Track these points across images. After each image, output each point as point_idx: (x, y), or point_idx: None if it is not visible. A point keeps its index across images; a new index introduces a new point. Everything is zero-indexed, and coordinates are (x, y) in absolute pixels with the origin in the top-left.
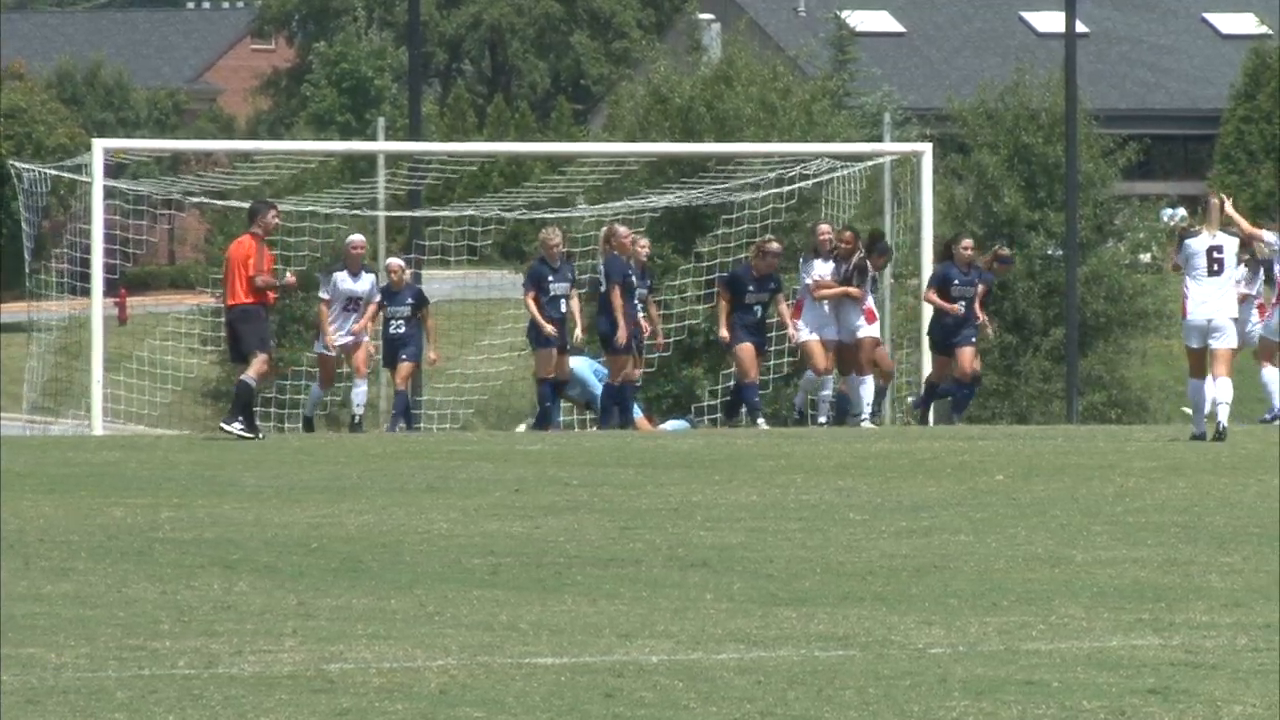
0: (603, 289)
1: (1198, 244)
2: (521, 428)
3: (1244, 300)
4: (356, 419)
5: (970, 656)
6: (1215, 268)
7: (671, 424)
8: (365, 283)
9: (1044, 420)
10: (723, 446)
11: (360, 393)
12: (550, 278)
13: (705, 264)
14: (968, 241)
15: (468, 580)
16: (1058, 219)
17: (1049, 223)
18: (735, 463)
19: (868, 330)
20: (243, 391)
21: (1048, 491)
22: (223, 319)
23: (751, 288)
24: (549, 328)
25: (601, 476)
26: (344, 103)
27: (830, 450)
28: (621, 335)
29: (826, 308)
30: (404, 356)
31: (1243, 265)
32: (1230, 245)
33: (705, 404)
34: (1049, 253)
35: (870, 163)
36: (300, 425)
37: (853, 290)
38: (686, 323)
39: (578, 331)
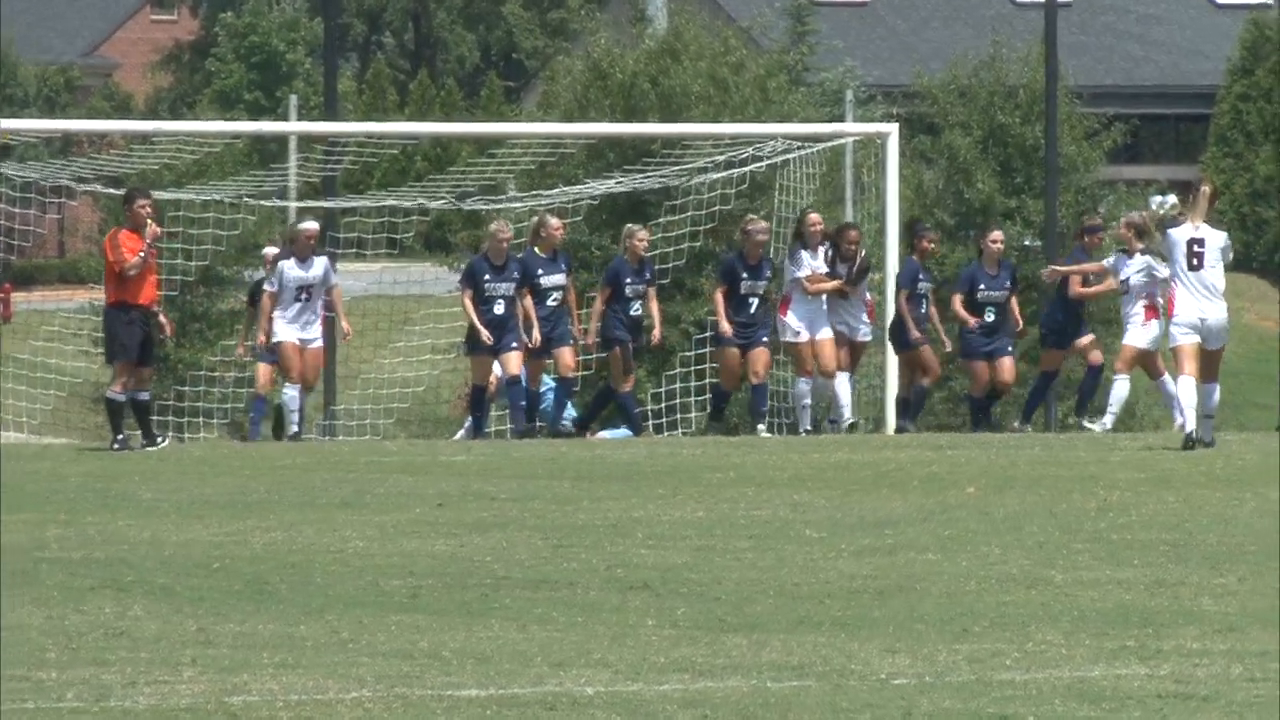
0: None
1: (1179, 235)
2: (460, 434)
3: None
4: (293, 428)
5: (938, 688)
6: (1195, 262)
7: (610, 432)
8: (318, 268)
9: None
10: (666, 457)
11: (292, 397)
12: (488, 276)
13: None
14: (996, 235)
15: (385, 604)
16: (1036, 207)
17: (1026, 211)
18: (680, 475)
19: (869, 333)
20: (111, 409)
21: (1023, 505)
22: None
23: (745, 275)
24: (485, 333)
25: (532, 490)
26: (252, 79)
27: (784, 461)
28: (590, 334)
29: (823, 303)
30: None
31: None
32: (1215, 239)
33: (648, 409)
34: (1026, 244)
35: (830, 144)
36: (288, 439)
37: (845, 286)
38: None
39: (535, 333)
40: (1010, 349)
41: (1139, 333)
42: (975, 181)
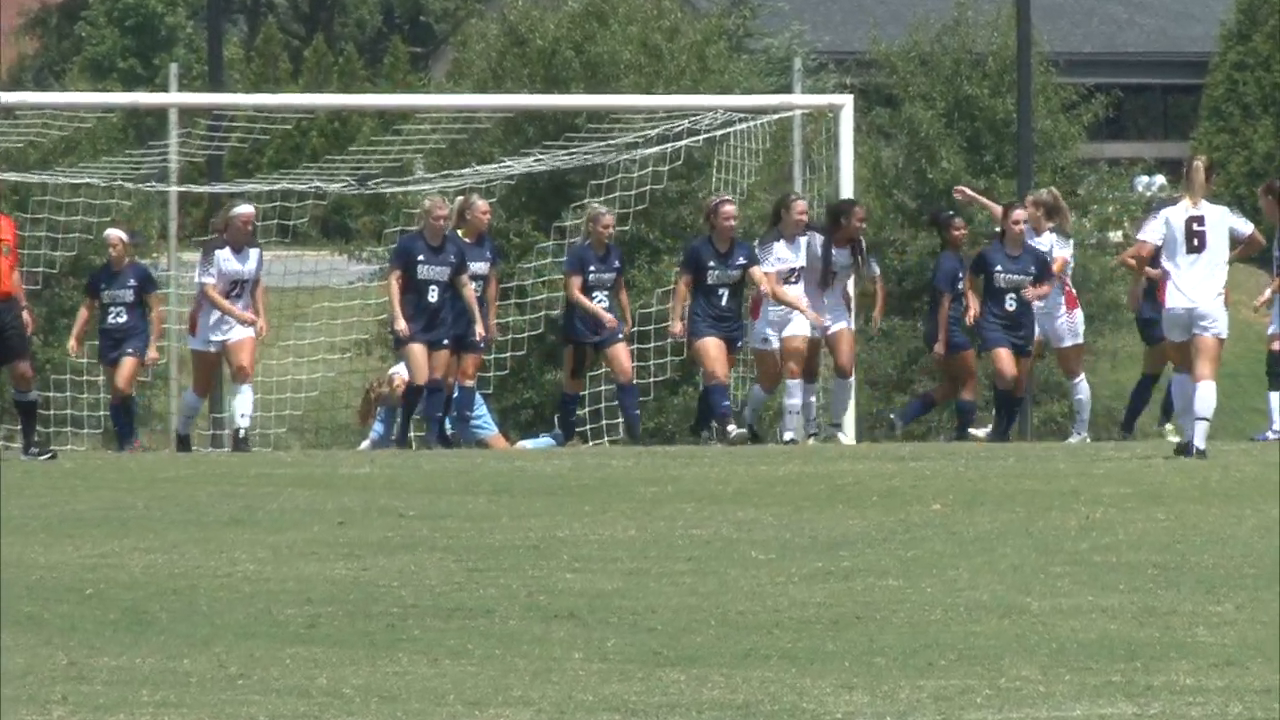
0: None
1: (1175, 215)
2: (365, 444)
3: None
4: (242, 433)
5: None
6: (1195, 243)
7: (532, 441)
8: (251, 260)
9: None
10: (594, 469)
11: (245, 400)
12: (422, 257)
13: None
14: (1019, 213)
15: (279, 635)
16: (1008, 188)
17: (997, 192)
18: (610, 489)
19: (845, 323)
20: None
21: (996, 524)
22: None
23: (713, 264)
24: (401, 323)
25: (445, 506)
26: (127, 45)
27: (728, 473)
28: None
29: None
30: (129, 351)
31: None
32: (1216, 217)
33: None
34: (997, 229)
35: (776, 117)
36: (174, 444)
37: (801, 304)
38: (546, 313)
39: (479, 325)
40: (1029, 349)
41: (1072, 328)
42: (939, 160)
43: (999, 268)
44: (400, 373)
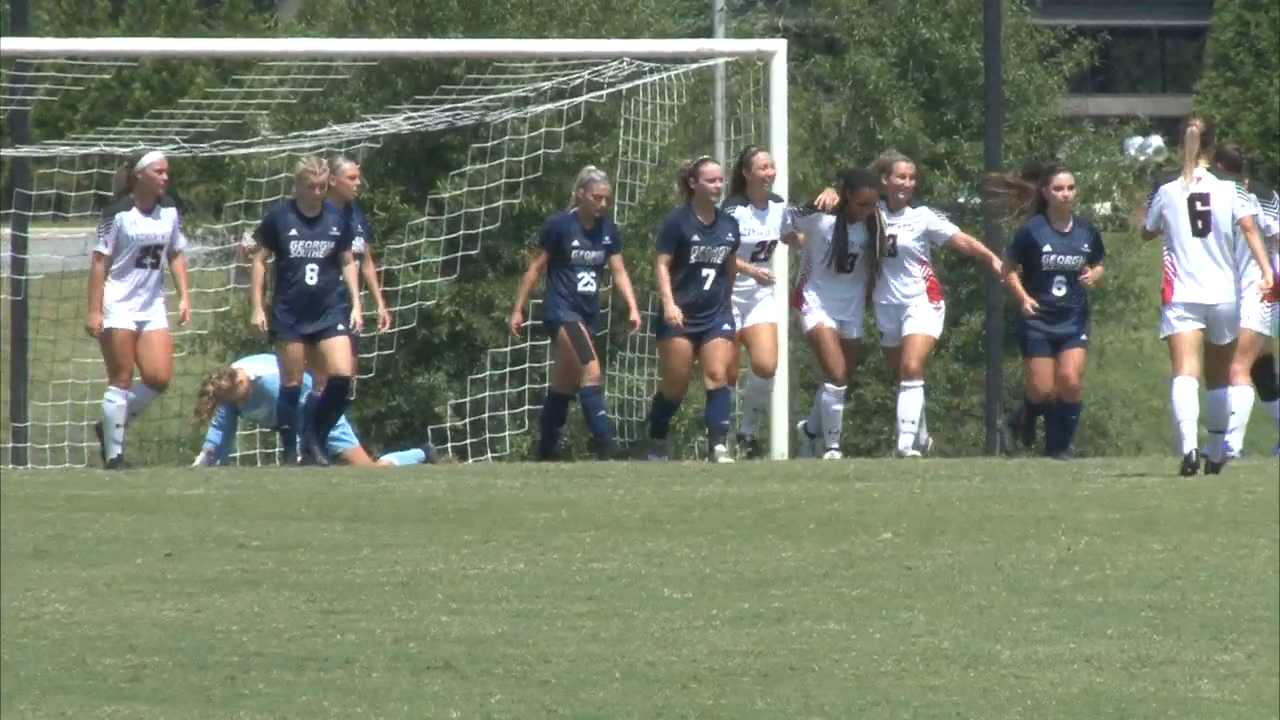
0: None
1: (1174, 192)
2: (200, 459)
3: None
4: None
5: None
6: (1200, 225)
7: (399, 456)
8: (166, 221)
9: (952, 450)
10: (474, 491)
11: (119, 407)
12: (294, 231)
13: (448, 217)
14: (1063, 178)
15: (96, 689)
16: (974, 151)
17: (961, 157)
18: (494, 515)
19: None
20: None
21: (959, 557)
22: None
23: (697, 238)
24: (259, 315)
25: (295, 534)
26: None
27: (636, 496)
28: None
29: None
30: None
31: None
32: (1222, 192)
33: (448, 425)
34: (961, 200)
35: (695, 67)
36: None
37: (763, 273)
38: (419, 304)
39: (355, 314)
40: (1084, 338)
41: (933, 319)
42: (891, 117)
43: (1047, 246)
44: (245, 367)
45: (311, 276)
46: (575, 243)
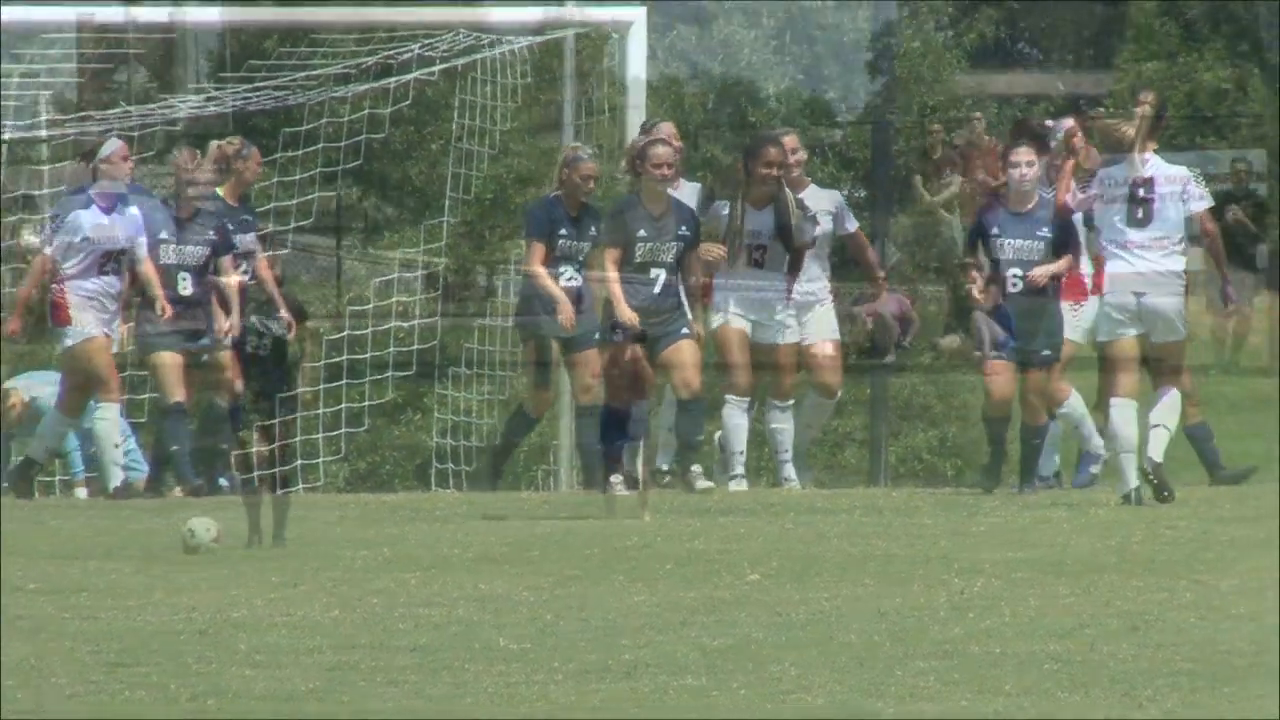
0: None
1: (1115, 176)
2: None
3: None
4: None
5: None
6: (1140, 214)
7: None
8: (129, 221)
9: (830, 480)
10: (286, 525)
11: (111, 423)
12: (165, 235)
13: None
14: (1022, 152)
15: None
16: (858, 136)
17: (848, 140)
18: (306, 553)
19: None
20: None
21: (836, 602)
22: None
23: (644, 232)
24: (167, 312)
25: (79, 577)
26: None
27: (467, 532)
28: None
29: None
30: None
31: None
32: (1169, 177)
33: (252, 450)
34: (844, 194)
35: (540, 40)
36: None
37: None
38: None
39: (230, 320)
40: (1047, 352)
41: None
42: (766, 99)
43: (995, 230)
44: (19, 387)
45: (186, 286)
46: (563, 231)
